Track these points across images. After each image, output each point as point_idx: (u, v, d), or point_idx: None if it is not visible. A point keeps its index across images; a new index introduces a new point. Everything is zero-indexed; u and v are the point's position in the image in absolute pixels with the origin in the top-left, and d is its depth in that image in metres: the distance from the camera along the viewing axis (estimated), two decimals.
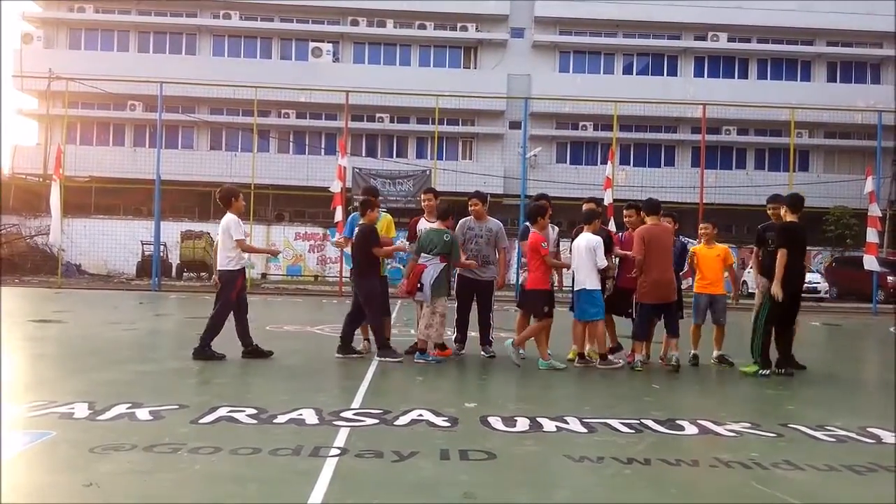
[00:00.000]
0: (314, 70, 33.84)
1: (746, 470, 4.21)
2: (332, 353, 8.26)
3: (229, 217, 7.94)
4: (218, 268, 7.95)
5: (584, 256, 8.01)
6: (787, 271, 7.58)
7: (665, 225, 8.30)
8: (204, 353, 7.73)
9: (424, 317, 8.12)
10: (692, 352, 8.49)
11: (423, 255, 8.12)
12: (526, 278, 8.27)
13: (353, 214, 8.86)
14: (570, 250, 8.23)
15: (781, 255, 7.61)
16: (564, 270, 8.49)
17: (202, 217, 30.00)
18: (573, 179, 28.73)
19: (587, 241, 8.05)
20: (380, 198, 9.51)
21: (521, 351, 8.37)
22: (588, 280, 7.99)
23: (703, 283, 8.63)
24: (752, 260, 9.05)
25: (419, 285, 8.03)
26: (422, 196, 9.02)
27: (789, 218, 7.91)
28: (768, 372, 7.72)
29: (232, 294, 7.88)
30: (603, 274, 8.18)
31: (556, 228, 8.72)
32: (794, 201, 7.97)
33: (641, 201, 8.53)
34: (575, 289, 8.11)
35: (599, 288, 8.08)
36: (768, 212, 8.62)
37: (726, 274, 8.72)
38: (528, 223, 8.40)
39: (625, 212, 8.77)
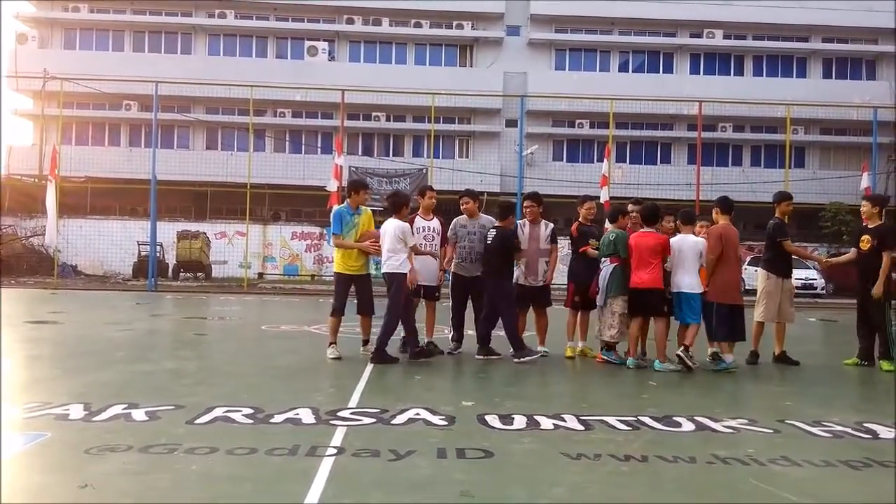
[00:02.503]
0: (310, 69, 33.79)
1: (744, 466, 4.22)
2: (326, 352, 8.21)
3: (399, 223, 7.88)
4: (385, 270, 7.91)
5: (691, 259, 7.76)
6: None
7: (733, 227, 8.12)
8: (382, 357, 7.74)
9: (604, 317, 8.08)
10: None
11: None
12: (627, 277, 7.82)
13: (336, 209, 8.35)
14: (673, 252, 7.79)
15: (887, 258, 7.86)
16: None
17: (198, 217, 30.00)
18: (569, 177, 28.79)
19: (695, 243, 7.83)
20: (370, 191, 9.27)
21: (539, 348, 8.36)
22: (694, 283, 7.74)
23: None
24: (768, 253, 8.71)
25: (598, 289, 8.04)
26: (427, 193, 8.75)
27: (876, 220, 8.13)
28: None
29: (403, 295, 7.86)
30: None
31: (551, 225, 8.70)
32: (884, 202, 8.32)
33: (677, 203, 8.37)
34: (675, 290, 7.79)
35: (701, 291, 7.78)
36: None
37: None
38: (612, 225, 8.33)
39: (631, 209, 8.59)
